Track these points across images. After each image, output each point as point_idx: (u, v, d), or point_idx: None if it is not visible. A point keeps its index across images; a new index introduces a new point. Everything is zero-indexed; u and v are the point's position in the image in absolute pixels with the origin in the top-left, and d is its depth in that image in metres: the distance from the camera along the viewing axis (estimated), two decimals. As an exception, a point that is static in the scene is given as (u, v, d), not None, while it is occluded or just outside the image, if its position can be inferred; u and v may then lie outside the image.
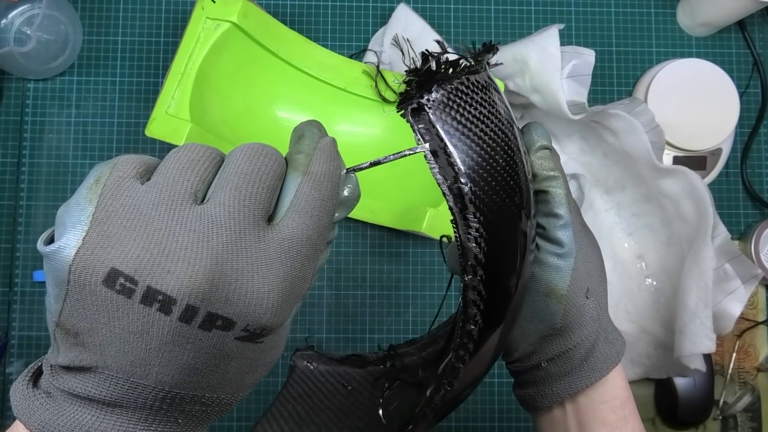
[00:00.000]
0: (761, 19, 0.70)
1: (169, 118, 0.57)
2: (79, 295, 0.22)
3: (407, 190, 0.63)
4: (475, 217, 0.28)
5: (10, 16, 0.61)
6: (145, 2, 0.67)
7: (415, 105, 0.28)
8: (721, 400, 0.67)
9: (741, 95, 0.65)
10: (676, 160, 0.65)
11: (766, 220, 0.66)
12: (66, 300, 0.22)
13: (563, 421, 0.35)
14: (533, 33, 0.62)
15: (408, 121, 0.28)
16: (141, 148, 0.66)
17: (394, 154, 0.28)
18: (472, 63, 0.30)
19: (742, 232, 0.68)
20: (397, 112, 0.29)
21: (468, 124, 0.28)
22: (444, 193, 0.28)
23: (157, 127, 0.57)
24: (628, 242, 0.66)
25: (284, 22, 0.62)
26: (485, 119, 0.29)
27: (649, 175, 0.61)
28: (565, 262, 0.33)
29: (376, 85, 0.63)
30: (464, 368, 0.30)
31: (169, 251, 0.21)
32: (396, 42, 0.63)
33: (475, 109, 0.29)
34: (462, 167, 0.28)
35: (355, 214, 0.61)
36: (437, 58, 0.29)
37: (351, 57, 0.65)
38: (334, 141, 0.27)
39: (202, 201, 0.23)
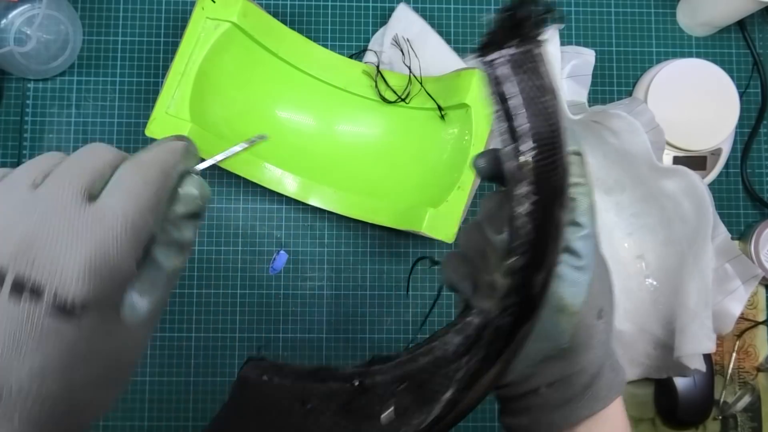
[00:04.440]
0: (761, 19, 0.70)
1: (169, 118, 0.57)
2: None
3: (407, 190, 0.63)
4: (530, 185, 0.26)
5: (10, 16, 0.61)
6: (145, 2, 0.67)
7: (499, 57, 0.25)
8: (721, 400, 0.67)
9: (741, 95, 0.65)
10: (676, 160, 0.65)
11: (766, 220, 0.66)
12: None
13: None
14: (533, 33, 0.62)
15: (486, 70, 0.26)
16: (141, 147, 0.65)
17: (241, 144, 0.26)
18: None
19: (742, 232, 0.68)
20: (478, 56, 0.27)
21: (541, 92, 0.26)
22: (505, 162, 0.26)
23: (157, 127, 0.57)
24: (628, 242, 0.66)
25: (284, 22, 0.62)
26: (551, 93, 0.27)
27: (649, 175, 0.61)
28: (583, 275, 0.30)
29: (376, 85, 0.63)
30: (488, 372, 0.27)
31: None
32: (396, 42, 0.63)
33: (542, 80, 0.27)
34: (531, 129, 0.25)
35: (355, 213, 0.61)
36: (528, 9, 0.26)
37: (351, 57, 0.65)
38: (184, 144, 0.27)
39: None
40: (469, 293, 0.31)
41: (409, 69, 0.62)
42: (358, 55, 0.67)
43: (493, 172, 0.31)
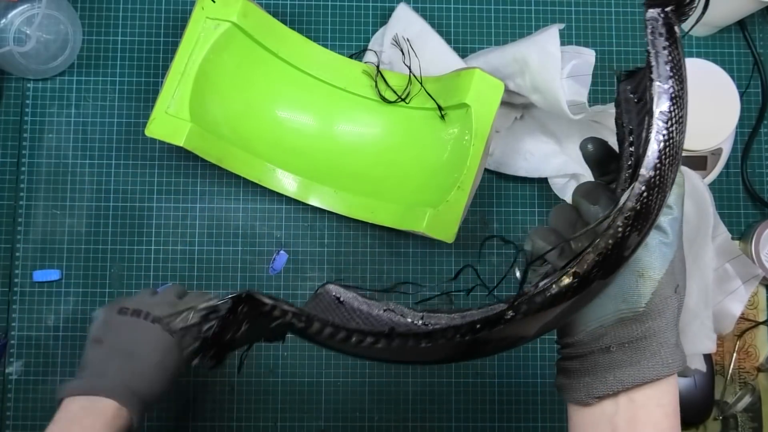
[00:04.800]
0: (761, 19, 0.70)
1: (169, 118, 0.57)
2: None
3: (407, 190, 0.63)
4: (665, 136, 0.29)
5: (9, 15, 0.61)
6: (145, 2, 0.67)
7: (660, 13, 0.30)
8: (722, 400, 0.67)
9: (741, 95, 0.65)
10: (677, 160, 0.65)
11: (766, 220, 0.66)
12: None
13: (613, 417, 0.33)
14: (533, 33, 0.62)
15: (647, 20, 0.31)
16: (141, 147, 0.66)
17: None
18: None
19: (742, 232, 0.68)
20: (645, 3, 0.31)
21: (681, 58, 0.31)
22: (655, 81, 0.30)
23: (157, 127, 0.57)
24: (629, 242, 0.66)
25: (284, 22, 0.62)
26: (684, 63, 0.31)
27: (649, 175, 0.61)
28: (668, 250, 0.33)
29: (376, 85, 0.63)
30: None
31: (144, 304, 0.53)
32: (396, 42, 0.63)
33: (681, 52, 0.31)
34: (679, 91, 0.30)
35: (355, 213, 0.61)
36: None
37: (351, 57, 0.65)
38: (208, 297, 0.57)
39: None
40: (555, 258, 0.35)
41: (409, 69, 0.62)
42: (358, 55, 0.67)
43: (599, 156, 0.36)
